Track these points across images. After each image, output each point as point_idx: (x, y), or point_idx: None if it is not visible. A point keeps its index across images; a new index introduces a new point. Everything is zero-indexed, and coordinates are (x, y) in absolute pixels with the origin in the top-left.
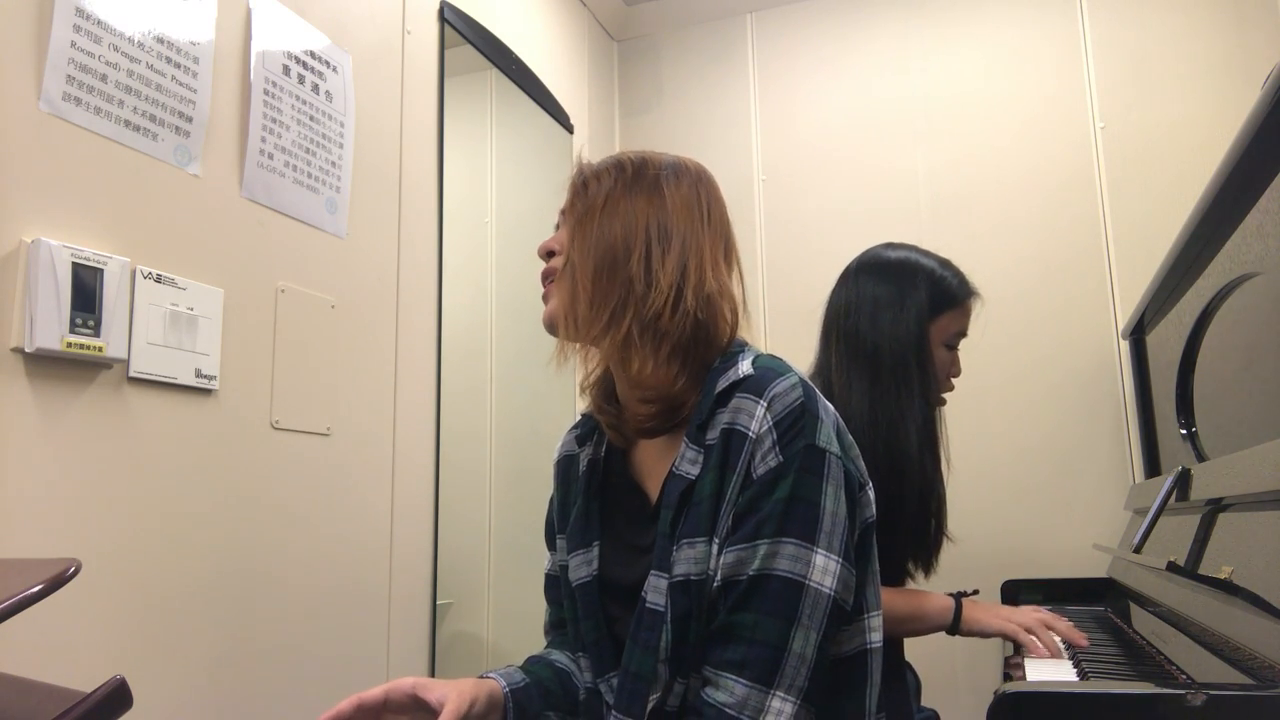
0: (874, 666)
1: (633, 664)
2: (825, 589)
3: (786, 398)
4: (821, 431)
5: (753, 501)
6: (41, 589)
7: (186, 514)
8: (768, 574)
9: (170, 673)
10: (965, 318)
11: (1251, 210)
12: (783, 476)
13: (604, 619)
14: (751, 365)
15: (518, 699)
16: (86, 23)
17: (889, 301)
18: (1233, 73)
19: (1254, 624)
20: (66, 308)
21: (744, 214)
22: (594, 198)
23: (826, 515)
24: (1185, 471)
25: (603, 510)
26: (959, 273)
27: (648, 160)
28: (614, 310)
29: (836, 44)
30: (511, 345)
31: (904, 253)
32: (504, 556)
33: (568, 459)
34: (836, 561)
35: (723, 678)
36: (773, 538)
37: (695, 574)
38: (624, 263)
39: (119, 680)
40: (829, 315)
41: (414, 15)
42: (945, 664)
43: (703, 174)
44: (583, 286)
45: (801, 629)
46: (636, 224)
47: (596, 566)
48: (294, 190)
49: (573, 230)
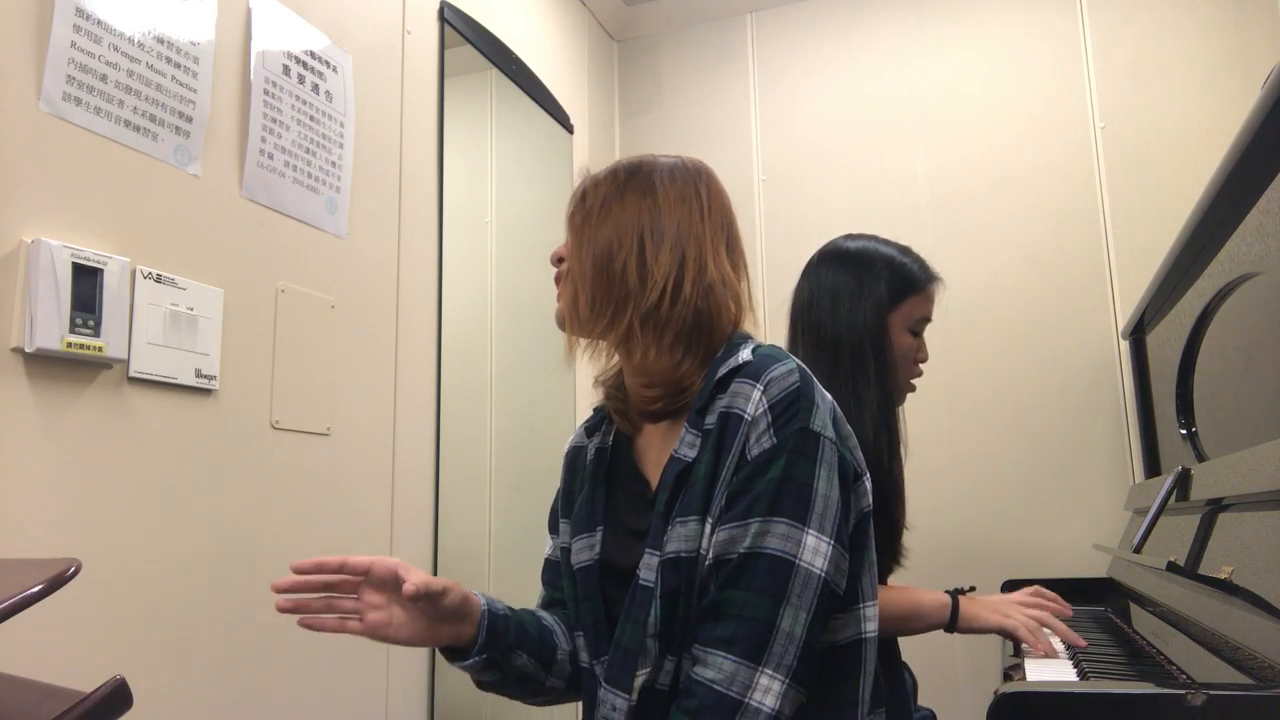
0: (869, 655)
1: (624, 638)
2: (816, 569)
3: (783, 382)
4: (817, 416)
5: (746, 481)
6: (41, 589)
7: (186, 514)
8: (758, 552)
9: (170, 673)
10: (929, 303)
11: (1251, 210)
12: (776, 457)
13: (602, 602)
14: (751, 353)
15: (493, 622)
16: (86, 23)
17: (848, 291)
18: (1233, 73)
19: (1254, 624)
20: (66, 308)
21: (744, 214)
22: (590, 205)
23: (819, 497)
24: (1185, 471)
25: (607, 496)
26: (919, 259)
27: (643, 164)
28: (615, 307)
29: (836, 44)
30: (511, 345)
31: (863, 243)
32: (504, 556)
33: (576, 449)
34: (828, 543)
35: (711, 654)
36: (764, 516)
37: (686, 551)
38: (617, 262)
39: (119, 680)
40: (794, 308)
41: (414, 15)
42: (944, 664)
43: (702, 169)
44: (582, 288)
45: (791, 607)
46: (628, 224)
47: (598, 551)
48: (294, 190)
49: (572, 237)
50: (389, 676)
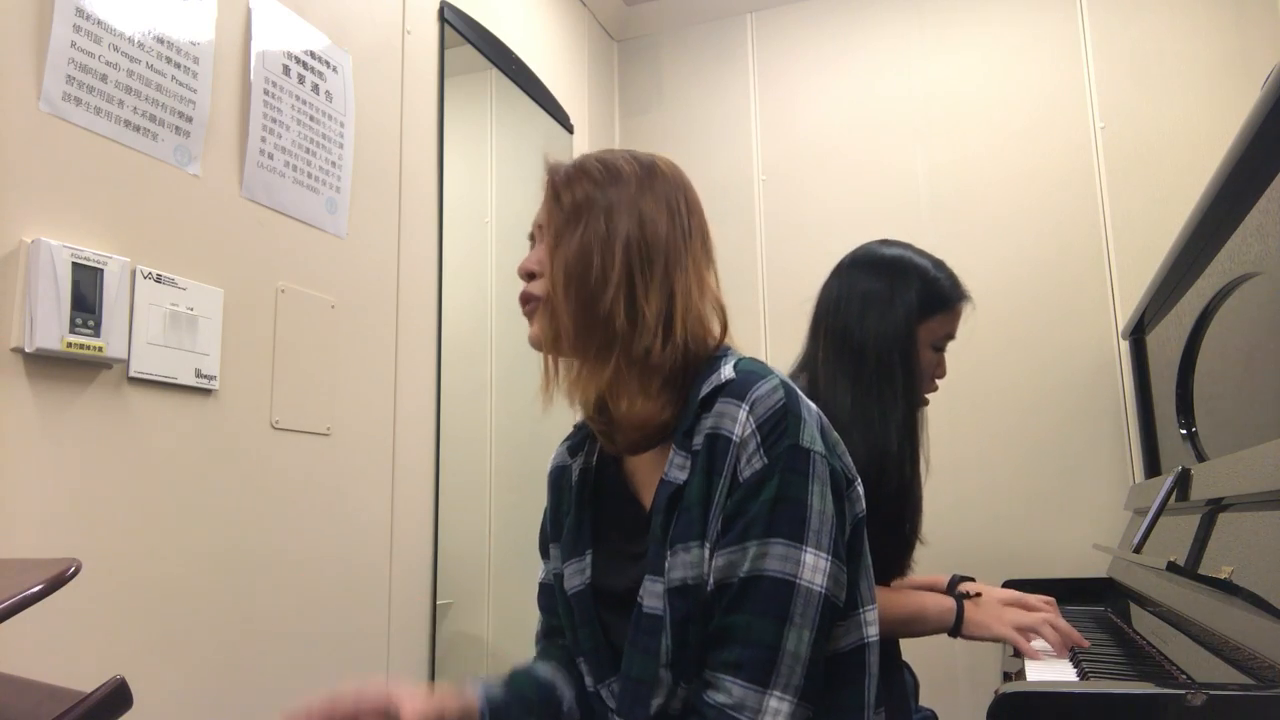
0: (871, 660)
1: (633, 669)
2: (816, 587)
3: (768, 400)
4: (805, 431)
5: (740, 504)
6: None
7: (186, 514)
8: (758, 575)
9: (170, 672)
10: (955, 321)
11: (1251, 210)
12: (768, 478)
13: (599, 626)
14: (733, 369)
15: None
16: (86, 23)
17: (879, 299)
18: (1233, 73)
19: (1254, 624)
20: (66, 307)
21: (744, 214)
22: (566, 214)
23: (814, 514)
24: (1185, 471)
25: (595, 519)
26: (952, 275)
27: (616, 168)
28: (598, 348)
29: (836, 44)
30: (511, 345)
31: (898, 250)
32: (504, 557)
33: (560, 470)
34: (826, 559)
35: (720, 679)
36: (761, 539)
37: (691, 578)
38: (604, 301)
39: (119, 680)
40: (819, 308)
41: (414, 15)
42: (945, 664)
43: (676, 175)
44: (564, 324)
45: (794, 628)
46: (613, 249)
47: (589, 575)
48: (294, 190)
49: (549, 253)
50: (389, 677)
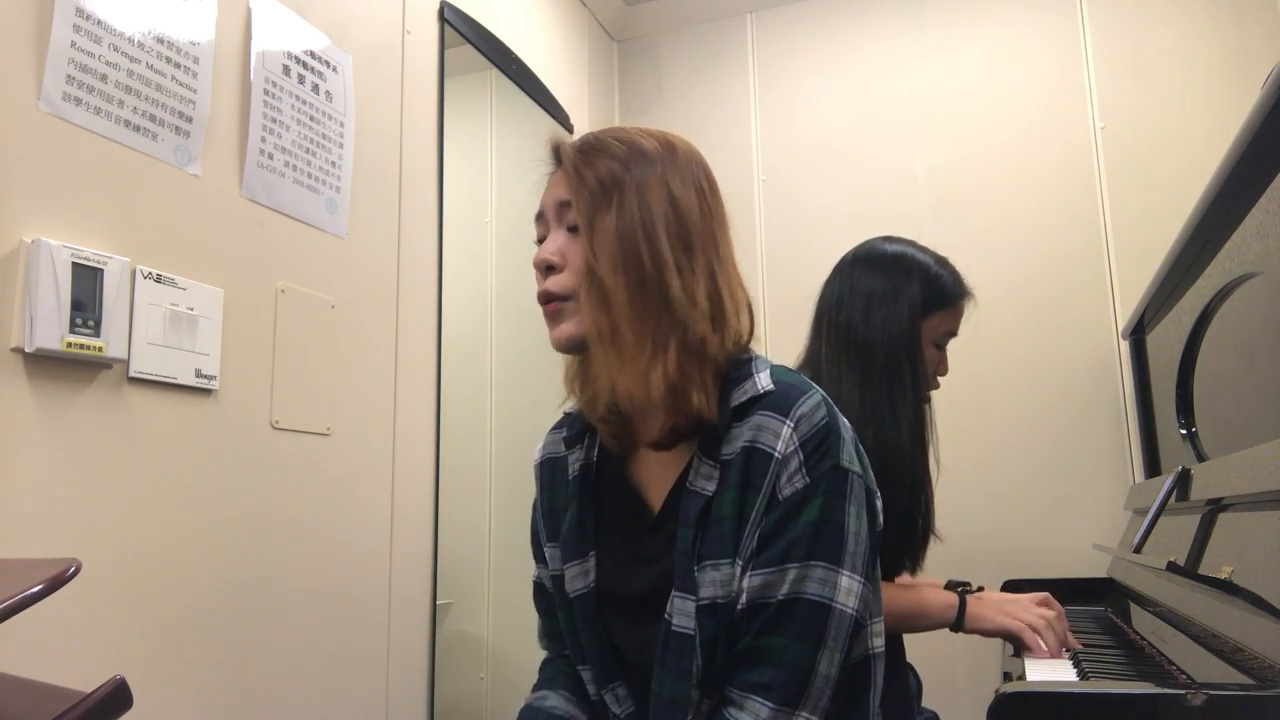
0: (877, 670)
1: (665, 690)
2: (849, 609)
3: (813, 418)
4: (845, 451)
5: (779, 523)
6: (41, 589)
7: (186, 514)
8: (797, 597)
9: (170, 673)
10: (957, 318)
11: (1251, 210)
12: (810, 498)
13: (602, 629)
14: (770, 379)
15: None
16: (86, 23)
17: (883, 296)
18: (1233, 73)
19: (1254, 624)
20: (66, 308)
21: (744, 214)
22: (594, 195)
23: (850, 536)
24: (1185, 471)
25: (597, 518)
26: (954, 272)
27: (637, 144)
28: (655, 337)
29: (836, 44)
30: (512, 345)
31: (901, 247)
32: (504, 556)
33: (552, 461)
34: (860, 582)
35: (749, 700)
36: (802, 561)
37: (722, 596)
38: (659, 281)
39: (119, 680)
40: (821, 305)
41: (414, 15)
42: (945, 664)
43: (693, 153)
44: (621, 313)
45: (827, 651)
46: (656, 230)
47: (594, 578)
48: (294, 190)
49: (587, 236)
50: (389, 677)
